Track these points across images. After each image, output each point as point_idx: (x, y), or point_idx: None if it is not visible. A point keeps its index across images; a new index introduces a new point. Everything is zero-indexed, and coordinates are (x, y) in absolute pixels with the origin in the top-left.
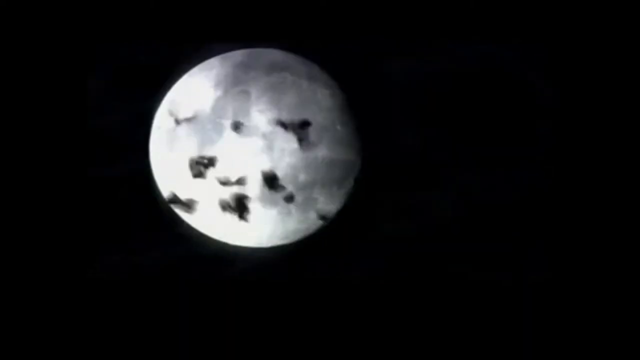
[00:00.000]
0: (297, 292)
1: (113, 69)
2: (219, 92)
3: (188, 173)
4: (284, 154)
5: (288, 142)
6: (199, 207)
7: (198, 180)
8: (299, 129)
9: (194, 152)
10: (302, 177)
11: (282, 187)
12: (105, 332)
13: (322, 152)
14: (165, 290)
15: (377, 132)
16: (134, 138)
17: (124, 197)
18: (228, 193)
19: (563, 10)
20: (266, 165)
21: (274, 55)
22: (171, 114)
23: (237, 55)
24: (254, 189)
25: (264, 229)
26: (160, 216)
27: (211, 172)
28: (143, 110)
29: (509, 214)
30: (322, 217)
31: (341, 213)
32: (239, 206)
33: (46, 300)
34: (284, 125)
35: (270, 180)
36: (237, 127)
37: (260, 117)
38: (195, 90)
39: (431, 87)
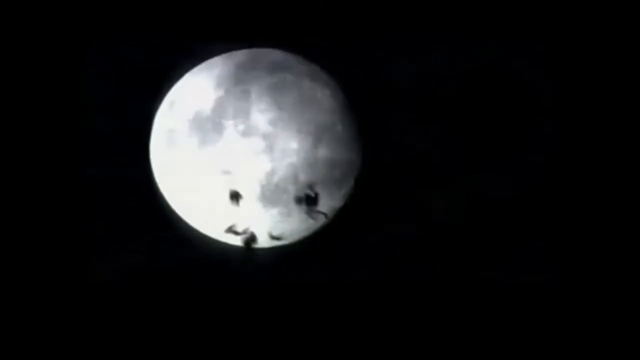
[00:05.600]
0: (297, 292)
1: (113, 69)
2: (220, 92)
3: (188, 173)
4: (284, 154)
5: (288, 142)
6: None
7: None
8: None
9: (194, 152)
10: (302, 177)
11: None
12: (106, 334)
13: (322, 152)
14: (165, 291)
15: (377, 132)
16: (134, 138)
17: (124, 198)
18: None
19: (564, 9)
20: (267, 166)
21: (275, 55)
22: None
23: (238, 55)
24: (254, 189)
25: (264, 229)
26: (160, 217)
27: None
28: (143, 110)
29: (509, 213)
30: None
31: (341, 213)
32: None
33: (46, 304)
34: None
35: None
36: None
37: (261, 117)
38: (196, 90)
39: (431, 86)
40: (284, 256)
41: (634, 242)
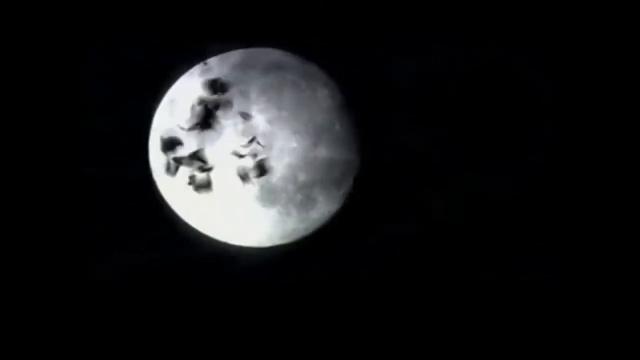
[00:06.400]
0: (297, 292)
1: (113, 69)
2: (218, 92)
3: (187, 173)
4: (283, 154)
5: (287, 141)
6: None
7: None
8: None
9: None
10: (302, 177)
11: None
12: (106, 334)
13: (321, 152)
14: (165, 291)
15: (377, 132)
16: (134, 138)
17: (123, 198)
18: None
19: (564, 9)
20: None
21: (273, 55)
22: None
23: (236, 55)
24: (253, 188)
25: (264, 229)
26: (160, 217)
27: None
28: (143, 110)
29: (509, 213)
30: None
31: (341, 213)
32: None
33: (46, 304)
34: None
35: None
36: (245, 117)
37: (260, 117)
38: (194, 91)
39: (431, 86)
40: (284, 256)
41: (634, 242)
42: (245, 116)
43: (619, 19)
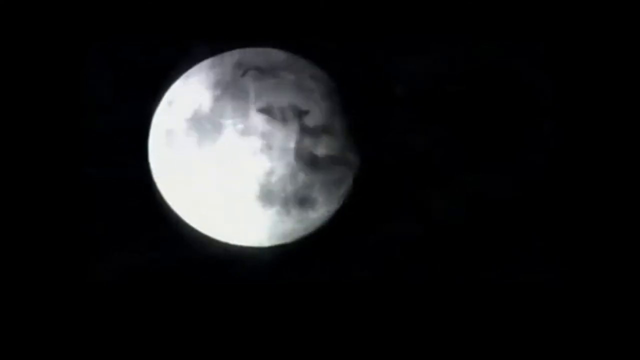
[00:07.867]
0: (297, 292)
1: (112, 69)
2: (217, 92)
3: (186, 172)
4: (283, 154)
5: (287, 141)
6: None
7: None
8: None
9: (193, 152)
10: (301, 177)
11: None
12: (106, 334)
13: (321, 152)
14: (165, 291)
15: (377, 132)
16: (134, 138)
17: (123, 198)
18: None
19: (564, 9)
20: (265, 165)
21: (273, 54)
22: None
23: (236, 54)
24: (253, 188)
25: (263, 228)
26: (160, 217)
27: None
28: (143, 110)
29: (509, 213)
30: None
31: (340, 213)
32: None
33: (46, 304)
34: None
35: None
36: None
37: (260, 116)
38: (194, 90)
39: (431, 86)
40: (284, 256)
41: (634, 242)
42: (298, 113)
43: (619, 19)
